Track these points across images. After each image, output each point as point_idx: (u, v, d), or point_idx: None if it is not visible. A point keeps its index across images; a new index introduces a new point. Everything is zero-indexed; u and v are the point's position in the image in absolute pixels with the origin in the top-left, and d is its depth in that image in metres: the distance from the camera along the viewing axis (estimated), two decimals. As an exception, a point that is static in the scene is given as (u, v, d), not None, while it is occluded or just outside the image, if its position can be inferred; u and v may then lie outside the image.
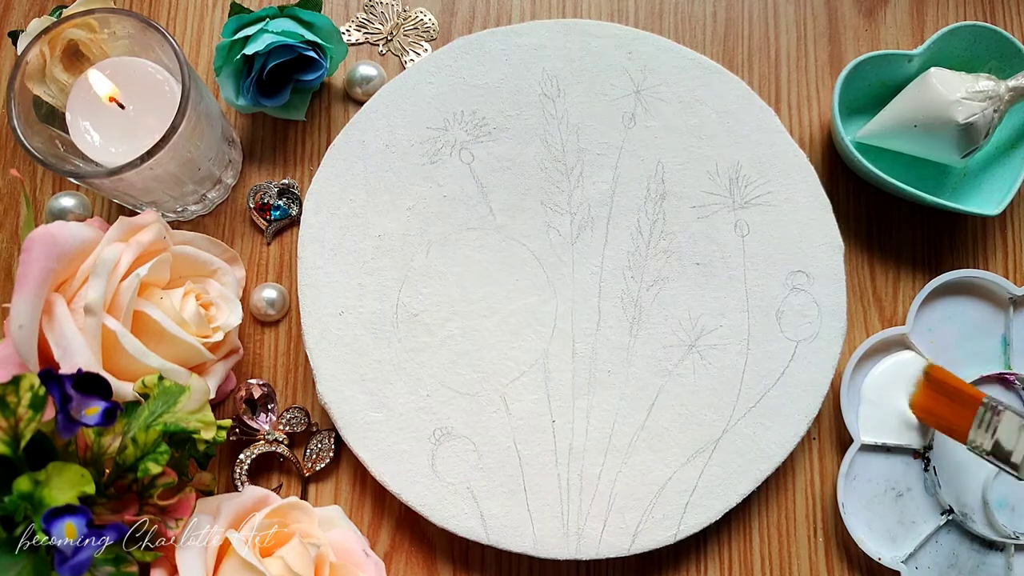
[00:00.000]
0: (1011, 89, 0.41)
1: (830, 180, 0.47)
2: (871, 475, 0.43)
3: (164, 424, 0.34)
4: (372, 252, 0.43)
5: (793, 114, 0.49)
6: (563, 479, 0.41)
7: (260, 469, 0.44)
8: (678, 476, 0.41)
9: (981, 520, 0.43)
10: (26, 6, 0.49)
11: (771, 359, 0.42)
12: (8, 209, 0.47)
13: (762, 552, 0.44)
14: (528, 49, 0.45)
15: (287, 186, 0.46)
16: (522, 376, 0.42)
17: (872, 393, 0.44)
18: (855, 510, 0.42)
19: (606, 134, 0.44)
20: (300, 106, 0.47)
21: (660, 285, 0.43)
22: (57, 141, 0.40)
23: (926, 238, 0.47)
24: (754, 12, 0.50)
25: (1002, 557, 0.43)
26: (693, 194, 0.44)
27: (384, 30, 0.49)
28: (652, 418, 0.42)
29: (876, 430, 0.43)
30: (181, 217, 0.46)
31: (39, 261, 0.35)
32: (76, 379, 0.31)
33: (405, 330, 0.42)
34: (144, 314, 0.37)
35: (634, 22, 0.49)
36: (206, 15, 0.49)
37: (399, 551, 0.43)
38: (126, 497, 0.34)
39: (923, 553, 0.43)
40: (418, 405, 0.42)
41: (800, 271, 0.43)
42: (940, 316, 0.44)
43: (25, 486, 0.30)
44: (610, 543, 0.41)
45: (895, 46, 0.49)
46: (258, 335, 0.45)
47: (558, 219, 0.44)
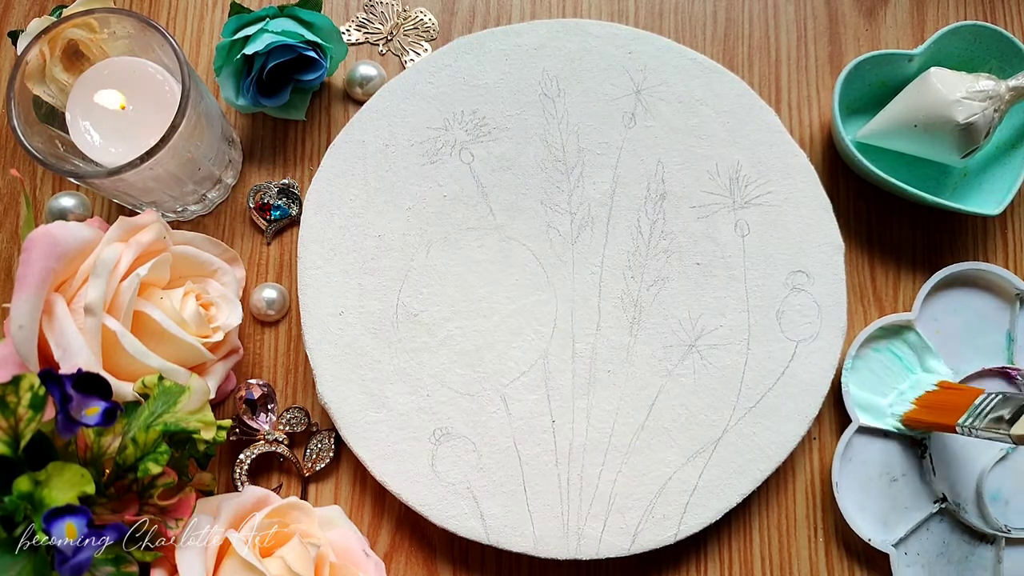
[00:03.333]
0: (1011, 89, 0.41)
1: (830, 180, 0.47)
2: (867, 458, 0.43)
3: (164, 424, 0.34)
4: (372, 252, 0.43)
5: (793, 114, 0.48)
6: (563, 479, 0.41)
7: (260, 469, 0.44)
8: (678, 476, 0.41)
9: (974, 511, 0.43)
10: (26, 6, 0.49)
11: (771, 359, 0.42)
12: (8, 209, 0.47)
13: (762, 552, 0.44)
14: (528, 49, 0.45)
15: (287, 186, 0.46)
16: (522, 376, 0.42)
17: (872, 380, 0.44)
18: (849, 491, 0.42)
19: (606, 134, 0.44)
20: (300, 106, 0.47)
21: (660, 285, 0.43)
22: (57, 141, 0.40)
23: (926, 238, 0.47)
24: (754, 12, 0.50)
25: (992, 550, 0.43)
26: (693, 194, 0.44)
27: (384, 30, 0.49)
28: (652, 418, 0.42)
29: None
30: (181, 217, 0.46)
31: (39, 261, 0.35)
32: (76, 379, 0.31)
33: (405, 330, 0.42)
34: (144, 314, 0.37)
35: (634, 22, 0.49)
36: (206, 15, 0.49)
37: (399, 551, 0.43)
38: (126, 497, 0.34)
39: (914, 539, 0.43)
40: (418, 405, 0.42)
41: (800, 271, 0.43)
42: (946, 307, 0.45)
43: (25, 486, 0.30)
44: (610, 543, 0.41)
45: (895, 46, 0.49)
46: (258, 335, 0.45)
47: (558, 219, 0.44)
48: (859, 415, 0.42)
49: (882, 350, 0.44)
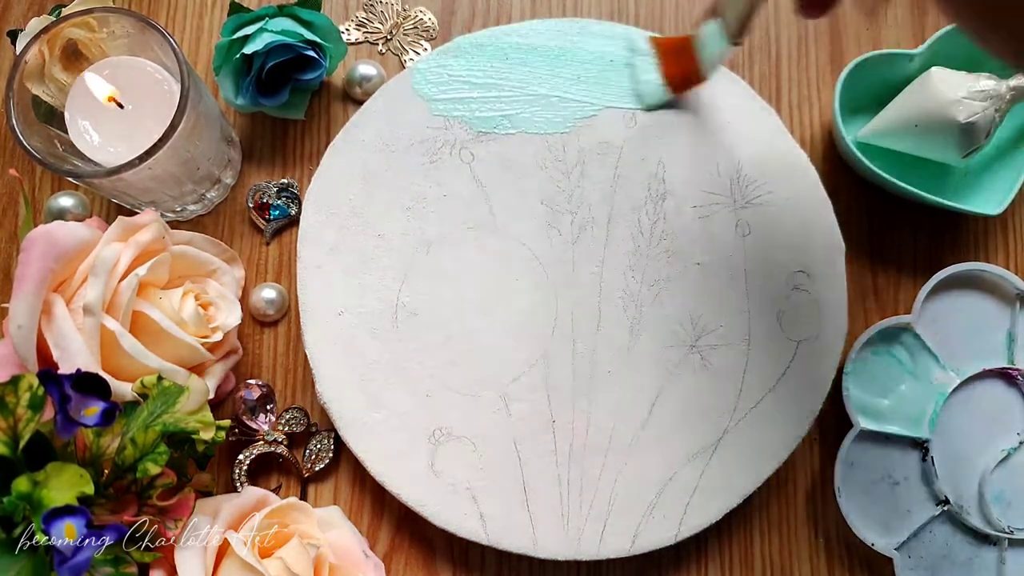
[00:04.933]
0: (1012, 89, 0.41)
1: (831, 180, 0.47)
2: (869, 461, 0.43)
3: (163, 424, 0.34)
4: (372, 252, 0.43)
5: (794, 114, 0.48)
6: (563, 479, 0.41)
7: (259, 469, 0.43)
8: (679, 476, 0.41)
9: (976, 513, 0.43)
10: (25, 5, 0.48)
11: (772, 359, 0.42)
12: (7, 209, 0.46)
13: (763, 553, 0.44)
14: (528, 48, 0.45)
15: (286, 185, 0.46)
16: (522, 376, 0.42)
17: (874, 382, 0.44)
18: (851, 495, 0.42)
19: (607, 133, 0.44)
20: (299, 105, 0.47)
21: (661, 285, 0.43)
22: (56, 141, 0.40)
23: (927, 238, 0.47)
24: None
25: (995, 551, 0.43)
26: (694, 194, 0.44)
27: (384, 29, 0.49)
28: (653, 418, 0.42)
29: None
30: (180, 217, 0.45)
31: (38, 261, 0.35)
32: (75, 379, 0.31)
33: (405, 330, 0.42)
34: (143, 314, 0.37)
35: (634, 21, 0.49)
36: (205, 14, 0.49)
37: (399, 551, 0.43)
38: (125, 497, 0.34)
39: (916, 542, 0.43)
40: (418, 405, 0.42)
41: (801, 271, 0.43)
42: (946, 308, 0.44)
43: (24, 486, 0.30)
44: (610, 543, 0.40)
45: (896, 45, 0.49)
46: (257, 335, 0.45)
47: (558, 219, 0.44)
48: (860, 419, 0.42)
49: (882, 353, 0.44)
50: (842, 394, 0.42)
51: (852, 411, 0.42)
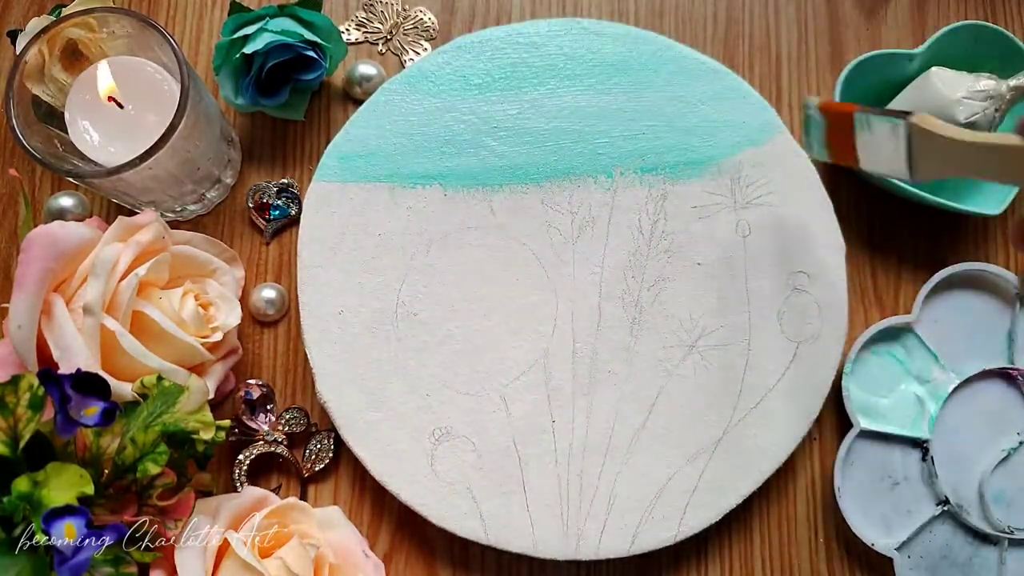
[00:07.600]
0: (1012, 88, 0.41)
1: (831, 180, 0.47)
2: (869, 461, 0.43)
3: (163, 424, 0.34)
4: (372, 251, 0.43)
5: (794, 114, 0.48)
6: (563, 479, 0.41)
7: (259, 469, 0.43)
8: (678, 476, 0.41)
9: (976, 513, 0.43)
10: (25, 5, 0.48)
11: (772, 359, 0.42)
12: (7, 209, 0.46)
13: (763, 553, 0.44)
14: (528, 48, 0.45)
15: (286, 185, 0.46)
16: (522, 376, 0.42)
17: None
18: (851, 495, 0.42)
19: (607, 132, 0.44)
20: (299, 105, 0.47)
21: (661, 285, 0.43)
22: (56, 141, 0.40)
23: (927, 238, 0.47)
24: (755, 11, 0.50)
25: (995, 551, 0.43)
26: (694, 194, 0.44)
27: (384, 29, 0.49)
28: (652, 418, 0.42)
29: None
30: (180, 217, 0.45)
31: (38, 261, 0.35)
32: (75, 379, 0.31)
33: (405, 329, 0.42)
34: (143, 314, 0.37)
35: (634, 21, 0.49)
36: (205, 14, 0.49)
37: (399, 551, 0.43)
38: (125, 497, 0.34)
39: (917, 542, 0.43)
40: (418, 405, 0.42)
41: (801, 271, 0.43)
42: (947, 308, 0.44)
43: (24, 486, 0.30)
44: (610, 544, 0.40)
45: (896, 45, 0.49)
46: (257, 335, 0.45)
47: (559, 218, 0.44)
48: (860, 419, 0.42)
49: (881, 353, 0.44)
50: (842, 394, 0.42)
51: (852, 411, 0.42)
